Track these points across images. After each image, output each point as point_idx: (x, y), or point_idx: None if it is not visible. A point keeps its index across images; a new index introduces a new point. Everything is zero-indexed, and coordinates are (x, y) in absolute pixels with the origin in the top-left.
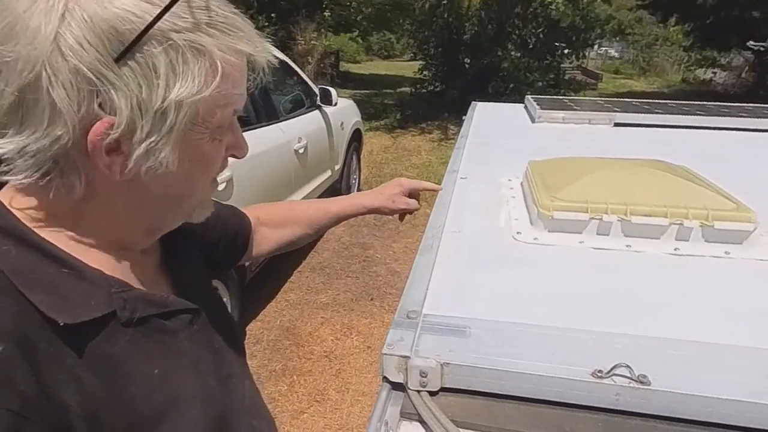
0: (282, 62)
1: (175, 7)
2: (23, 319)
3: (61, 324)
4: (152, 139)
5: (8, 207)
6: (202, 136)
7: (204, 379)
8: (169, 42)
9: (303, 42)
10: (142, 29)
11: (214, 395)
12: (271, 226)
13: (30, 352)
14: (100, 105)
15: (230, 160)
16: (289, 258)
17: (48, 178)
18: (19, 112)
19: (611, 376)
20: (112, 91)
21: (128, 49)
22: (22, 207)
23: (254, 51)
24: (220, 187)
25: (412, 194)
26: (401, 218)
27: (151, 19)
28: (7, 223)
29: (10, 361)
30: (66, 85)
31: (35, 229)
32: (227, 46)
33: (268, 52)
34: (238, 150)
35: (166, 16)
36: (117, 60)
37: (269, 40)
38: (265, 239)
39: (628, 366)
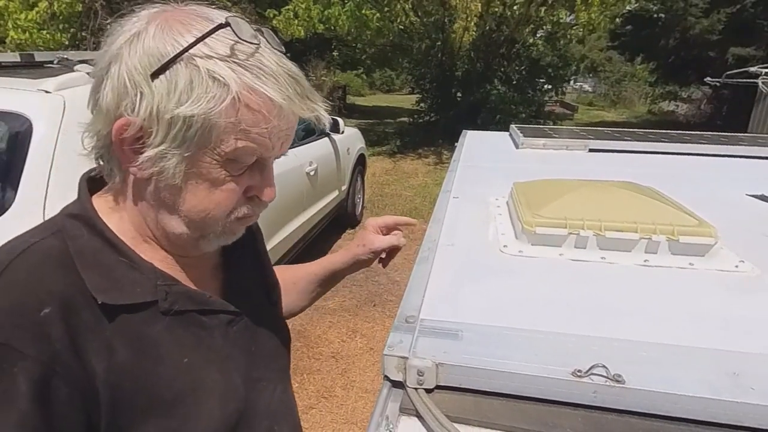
0: None
1: (217, 41)
2: (72, 290)
3: (100, 303)
4: (162, 147)
5: (90, 198)
6: (212, 162)
7: (230, 375)
8: (194, 65)
9: (314, 78)
10: (178, 52)
11: (236, 392)
12: None
13: (72, 317)
14: (128, 108)
15: None
16: None
17: (100, 160)
18: (92, 101)
19: (589, 375)
20: (139, 97)
21: (163, 67)
22: (100, 196)
23: (283, 100)
24: None
25: (390, 231)
26: (384, 264)
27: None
28: (86, 212)
29: (51, 321)
30: (113, 88)
31: (106, 217)
32: (248, 84)
33: (312, 111)
34: (261, 192)
35: (200, 45)
36: (152, 75)
37: (326, 103)
38: None
39: (604, 366)
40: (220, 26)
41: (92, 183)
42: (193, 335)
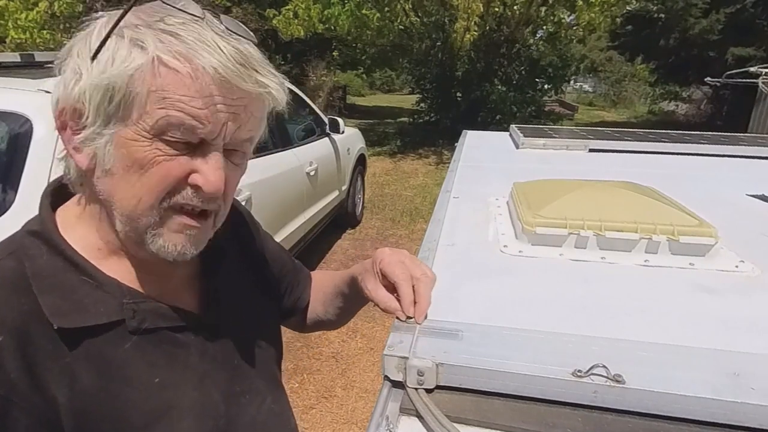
0: (295, 95)
1: (152, 12)
2: (28, 316)
3: (55, 327)
4: (93, 128)
5: (54, 214)
6: (139, 138)
7: (207, 392)
8: (120, 36)
9: (314, 78)
10: (111, 26)
11: (215, 410)
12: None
13: (27, 345)
14: (66, 93)
15: (248, 180)
16: None
17: (66, 170)
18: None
19: (589, 375)
20: (77, 80)
21: (100, 46)
22: (67, 207)
23: (215, 68)
24: None
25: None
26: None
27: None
28: (46, 229)
29: (4, 351)
30: (66, 79)
31: (68, 234)
32: (174, 50)
33: (261, 86)
34: (201, 180)
35: (132, 16)
36: (92, 57)
37: (285, 79)
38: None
39: (604, 366)
40: None
41: (61, 194)
42: (165, 353)
